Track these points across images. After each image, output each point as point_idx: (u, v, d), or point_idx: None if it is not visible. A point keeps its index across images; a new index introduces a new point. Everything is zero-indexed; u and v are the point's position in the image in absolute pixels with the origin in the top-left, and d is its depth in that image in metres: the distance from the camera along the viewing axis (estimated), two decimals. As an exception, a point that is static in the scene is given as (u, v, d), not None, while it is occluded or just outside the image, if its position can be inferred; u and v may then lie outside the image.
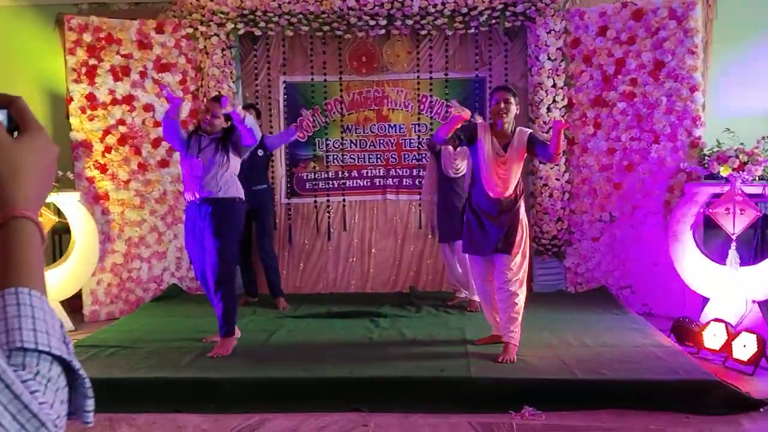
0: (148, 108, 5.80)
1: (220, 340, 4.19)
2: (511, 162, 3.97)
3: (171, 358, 4.07)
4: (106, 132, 5.73)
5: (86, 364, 4.00)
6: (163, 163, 5.82)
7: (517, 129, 4.04)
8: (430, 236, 6.04)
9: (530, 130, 4.13)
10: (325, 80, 6.19)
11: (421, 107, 6.18)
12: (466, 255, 4.42)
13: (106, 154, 5.74)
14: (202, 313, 5.01)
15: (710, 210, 4.91)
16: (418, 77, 6.15)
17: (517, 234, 3.96)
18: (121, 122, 5.77)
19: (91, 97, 5.68)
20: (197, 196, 4.14)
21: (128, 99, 5.76)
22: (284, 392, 3.64)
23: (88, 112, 5.69)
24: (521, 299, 3.99)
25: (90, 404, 0.74)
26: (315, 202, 6.26)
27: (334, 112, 6.24)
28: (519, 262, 3.98)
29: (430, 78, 6.14)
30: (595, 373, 3.67)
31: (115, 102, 5.74)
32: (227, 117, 4.15)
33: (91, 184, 5.73)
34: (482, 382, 3.62)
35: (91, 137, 5.71)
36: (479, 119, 4.73)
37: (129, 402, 3.60)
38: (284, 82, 6.23)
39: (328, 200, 6.26)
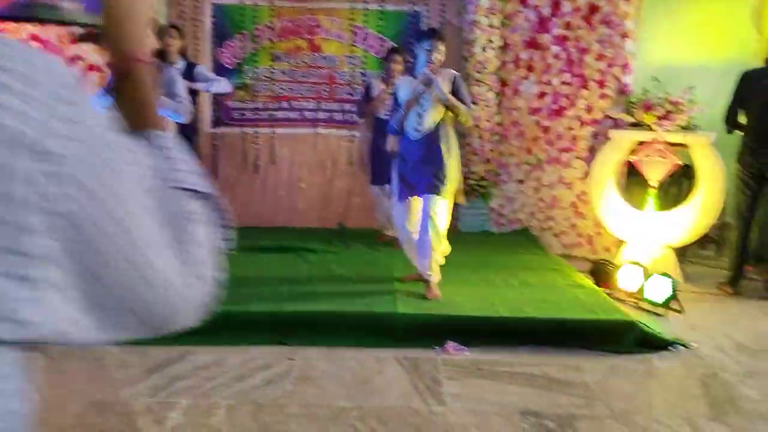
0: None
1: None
2: (431, 100, 3.92)
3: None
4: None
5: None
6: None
7: (442, 70, 3.97)
8: (360, 173, 5.98)
9: (456, 73, 4.03)
10: (256, 4, 5.93)
11: (355, 39, 6.02)
12: None
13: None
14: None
15: (633, 157, 5.06)
16: (352, 7, 5.97)
17: (439, 177, 3.94)
18: (35, 37, 5.36)
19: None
20: None
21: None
22: (208, 326, 3.54)
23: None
24: (437, 237, 3.98)
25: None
26: (242, 132, 6.07)
27: (263, 39, 6.00)
28: (439, 203, 3.96)
29: (366, 9, 5.97)
30: (517, 311, 3.77)
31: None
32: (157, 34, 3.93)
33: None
34: (408, 318, 3.66)
35: None
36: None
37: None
38: (212, 3, 5.93)
39: (256, 132, 6.08)
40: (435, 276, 4.03)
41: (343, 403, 2.89)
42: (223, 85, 5.29)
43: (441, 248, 4.03)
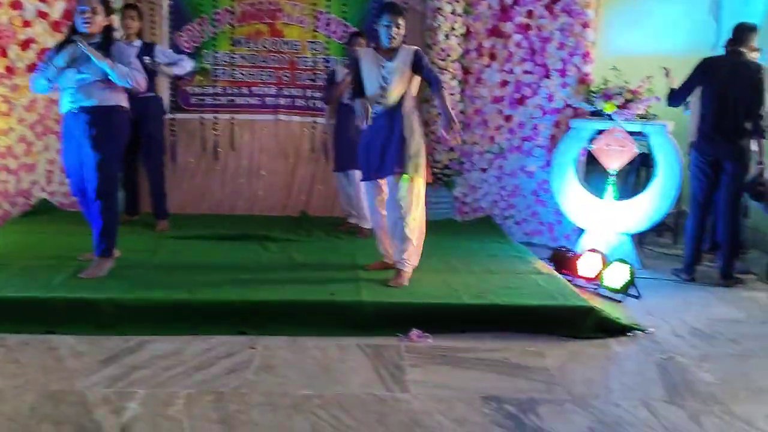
0: (17, 5, 5.21)
1: (96, 260, 3.95)
2: (394, 72, 3.90)
3: (43, 277, 3.80)
4: (-34, 28, 5.14)
5: (-55, 282, 3.69)
6: (33, 68, 5.30)
7: (402, 46, 3.95)
8: (322, 160, 5.95)
9: (416, 48, 3.98)
10: (216, -13, 5.82)
11: (317, 24, 5.94)
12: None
13: (-35, 54, 5.17)
14: (76, 230, 4.70)
15: (593, 146, 5.11)
16: (315, -8, 5.90)
17: (404, 154, 3.91)
18: (-16, 18, 5.18)
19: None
20: (74, 105, 3.81)
21: (-8, -7, 5.16)
22: (166, 314, 3.51)
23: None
24: (411, 223, 3.97)
25: None
26: (201, 118, 5.96)
27: (223, 23, 5.89)
28: (409, 185, 3.93)
29: (327, -6, 5.91)
30: (480, 297, 3.79)
31: (-23, -4, 5.13)
32: (106, 10, 3.82)
33: (-51, 86, 5.16)
34: (371, 305, 3.64)
35: (-53, 33, 5.11)
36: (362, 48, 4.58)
37: (-3, 322, 3.37)
38: (170, -15, 5.79)
39: (215, 118, 5.98)
40: (411, 264, 4.01)
41: (305, 391, 2.87)
42: (186, 64, 5.19)
43: (416, 232, 4.00)
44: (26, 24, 5.28)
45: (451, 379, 3.07)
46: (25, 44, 5.30)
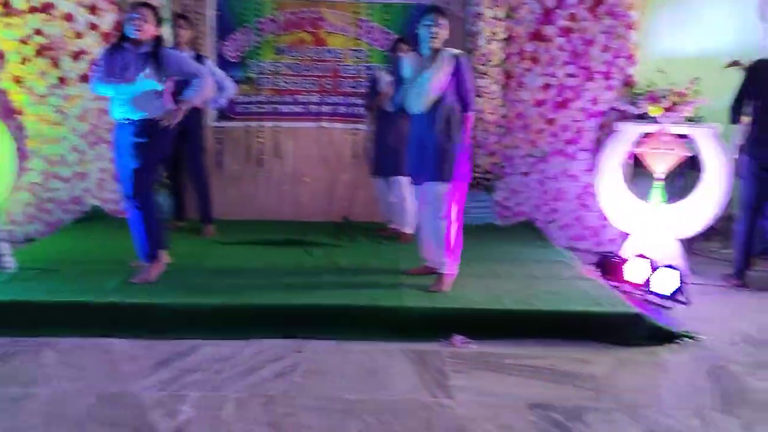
0: (69, 17, 5.40)
1: (146, 266, 4.06)
2: (433, 77, 3.89)
3: (97, 282, 3.92)
4: (23, 42, 5.33)
5: (6, 286, 3.84)
6: (85, 78, 5.47)
7: (446, 49, 3.94)
8: (364, 167, 5.99)
9: (459, 55, 3.95)
10: (259, -3, 5.93)
11: (360, 32, 6.00)
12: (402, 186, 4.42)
13: (21, 66, 5.35)
14: (127, 236, 4.79)
15: (638, 149, 5.05)
16: (357, 0, 5.95)
17: (443, 160, 3.91)
18: (39, 32, 5.37)
19: (5, 4, 5.24)
20: (122, 115, 3.93)
21: (47, 7, 5.33)
22: (217, 319, 3.59)
23: (3, 19, 5.25)
24: (450, 227, 3.97)
25: (3, 248, 0.69)
26: (246, 126, 6.07)
27: (267, 32, 5.99)
28: (448, 190, 3.94)
29: (370, 2, 5.95)
30: (523, 303, 3.77)
31: (33, 10, 5.31)
32: (155, 20, 3.93)
33: (6, 98, 5.35)
34: (415, 311, 3.66)
35: (5, 47, 5.30)
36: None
37: (53, 326, 3.49)
38: (215, -4, 5.92)
39: (260, 126, 6.08)
40: (452, 268, 4.02)
41: (352, 395, 2.90)
42: (230, 92, 5.29)
43: (455, 237, 4.00)
44: (78, 36, 5.46)
45: (496, 385, 3.06)
46: (77, 55, 5.47)
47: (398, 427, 2.65)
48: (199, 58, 5.14)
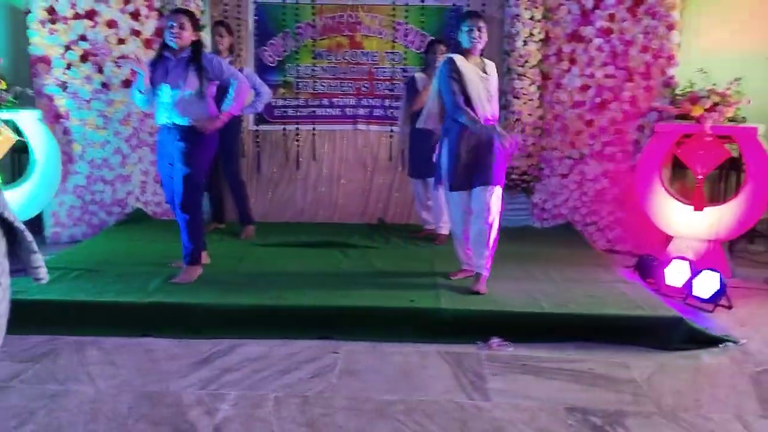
0: (112, 24, 5.53)
1: (185, 267, 4.14)
2: (491, 85, 3.95)
3: (138, 282, 4.01)
4: (67, 47, 5.48)
5: (51, 286, 3.93)
6: (128, 83, 5.60)
7: (486, 60, 4.03)
8: (400, 169, 6.01)
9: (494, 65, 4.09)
10: (298, 2, 5.98)
11: (396, 35, 6.03)
12: (440, 189, 4.39)
13: (66, 71, 5.50)
14: (168, 238, 4.94)
15: (679, 150, 4.97)
16: (393, 3, 5.98)
17: (496, 164, 3.93)
18: (83, 38, 5.51)
19: (51, 10, 5.40)
20: (167, 120, 4.01)
21: (91, 13, 5.48)
22: (254, 319, 3.64)
23: (48, 26, 5.41)
24: (495, 231, 3.99)
25: (36, 260, 0.72)
26: (284, 130, 6.14)
27: (305, 37, 6.05)
28: (498, 194, 3.96)
29: (406, 5, 5.98)
30: (562, 306, 3.74)
31: (77, 16, 5.46)
32: (194, 27, 4.00)
33: (52, 102, 5.51)
34: (451, 313, 3.66)
35: (51, 52, 5.46)
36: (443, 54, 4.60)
37: (96, 325, 3.58)
38: (255, 2, 6.00)
39: (297, 129, 6.14)
40: (488, 269, 4.02)
41: (387, 396, 2.91)
42: (266, 98, 5.35)
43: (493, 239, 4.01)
44: (120, 42, 5.58)
45: (533, 388, 3.04)
46: (118, 59, 5.60)
47: (434, 427, 2.65)
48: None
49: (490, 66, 4.03)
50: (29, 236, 0.68)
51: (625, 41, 5.44)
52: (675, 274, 4.37)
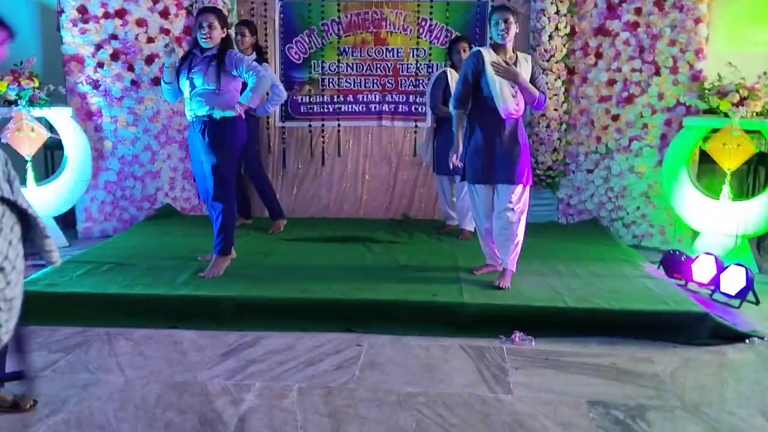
0: (142, 23, 5.64)
1: (215, 259, 4.21)
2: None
3: (167, 276, 4.10)
4: (98, 46, 5.60)
5: (82, 279, 4.04)
6: (157, 81, 5.70)
7: (519, 53, 3.99)
8: (424, 164, 6.03)
9: (530, 56, 4.06)
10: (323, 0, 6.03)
11: (421, 31, 6.04)
12: (464, 184, 4.41)
13: (98, 70, 5.62)
14: (196, 233, 5.04)
15: (707, 144, 4.92)
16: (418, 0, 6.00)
17: (521, 162, 3.93)
18: (114, 37, 5.62)
19: (82, 10, 5.52)
20: (193, 114, 4.10)
21: (121, 13, 5.59)
22: (279, 312, 3.69)
23: (80, 25, 5.53)
24: (522, 227, 3.99)
25: (49, 244, 0.76)
26: (309, 126, 6.19)
27: (330, 34, 6.10)
28: (522, 190, 3.97)
29: (431, 1, 5.99)
30: (585, 301, 3.73)
31: (107, 15, 5.57)
32: (222, 24, 4.07)
33: (84, 100, 5.63)
34: (474, 307, 3.67)
35: (82, 51, 5.58)
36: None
37: (126, 317, 3.67)
38: (281, 0, 6.06)
39: (322, 125, 6.19)
40: (514, 265, 4.03)
41: (409, 389, 2.94)
42: (280, 98, 5.32)
43: (521, 235, 4.01)
44: (150, 40, 5.69)
45: (556, 382, 3.05)
46: (149, 59, 5.71)
47: (455, 420, 2.67)
48: (259, 62, 5.26)
49: (523, 58, 3.97)
50: (42, 222, 0.73)
51: (652, 35, 5.39)
52: (702, 269, 4.33)
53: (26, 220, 0.63)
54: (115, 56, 5.63)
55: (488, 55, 3.89)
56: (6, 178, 0.62)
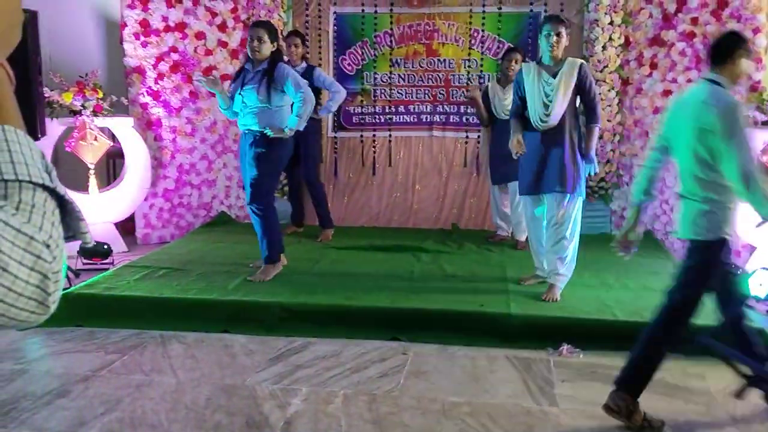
0: (200, 36, 5.82)
1: (263, 267, 4.32)
2: (557, 90, 3.87)
3: (220, 282, 4.22)
4: (159, 59, 5.80)
5: (139, 284, 4.19)
6: (214, 93, 5.85)
7: (568, 58, 3.95)
8: (474, 174, 6.03)
9: (582, 62, 3.96)
10: (376, 12, 6.11)
11: (472, 42, 6.06)
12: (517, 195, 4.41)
13: (158, 81, 5.83)
14: (250, 240, 5.13)
15: (765, 156, 4.78)
16: (470, 11, 6.01)
17: (569, 174, 3.90)
18: (174, 49, 5.82)
19: (144, 24, 5.73)
20: (245, 127, 4.24)
21: (181, 26, 5.79)
22: (327, 319, 3.76)
23: (142, 38, 5.75)
24: (572, 241, 3.96)
25: (83, 226, 0.80)
26: (361, 136, 6.27)
27: (383, 45, 6.17)
28: (570, 200, 3.93)
29: (483, 12, 6.00)
30: (635, 315, 3.68)
31: (168, 29, 5.78)
32: (272, 38, 4.18)
33: (145, 111, 5.84)
34: (521, 318, 3.67)
35: (144, 63, 5.79)
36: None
37: (179, 321, 3.79)
38: (334, 12, 6.17)
39: (374, 135, 6.26)
40: (566, 278, 4.00)
41: (454, 398, 2.96)
42: (338, 96, 5.41)
43: (573, 248, 3.97)
44: (208, 53, 5.87)
45: (603, 396, 2.99)
46: (207, 71, 5.88)
47: (498, 430, 2.68)
48: (310, 68, 5.36)
49: (569, 66, 3.90)
50: (77, 207, 0.77)
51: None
52: (759, 284, 4.22)
53: (64, 206, 0.68)
54: (174, 68, 5.83)
55: (528, 72, 3.93)
56: (45, 169, 0.68)
